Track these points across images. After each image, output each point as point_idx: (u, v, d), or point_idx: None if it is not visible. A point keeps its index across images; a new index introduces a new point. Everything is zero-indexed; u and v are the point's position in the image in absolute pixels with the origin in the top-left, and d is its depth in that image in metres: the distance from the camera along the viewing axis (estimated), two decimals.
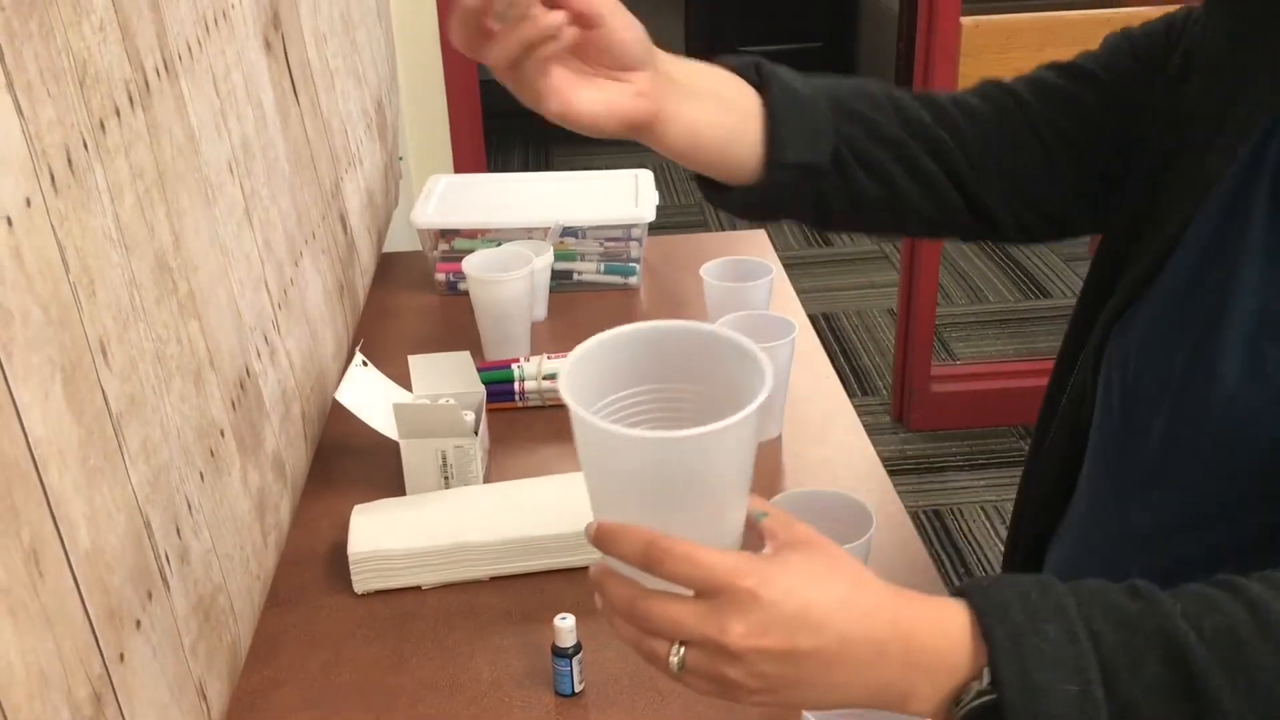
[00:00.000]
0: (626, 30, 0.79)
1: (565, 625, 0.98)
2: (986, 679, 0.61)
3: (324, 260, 1.42)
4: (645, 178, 1.85)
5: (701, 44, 5.28)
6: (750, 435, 0.65)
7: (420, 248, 1.79)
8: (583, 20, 0.77)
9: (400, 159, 2.16)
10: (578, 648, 0.99)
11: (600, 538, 0.66)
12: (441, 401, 1.27)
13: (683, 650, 0.64)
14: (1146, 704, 0.60)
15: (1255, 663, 0.59)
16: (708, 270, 1.48)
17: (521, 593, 1.13)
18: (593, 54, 0.79)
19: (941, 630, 0.63)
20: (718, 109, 0.85)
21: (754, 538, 0.69)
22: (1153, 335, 0.82)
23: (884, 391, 3.14)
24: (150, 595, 0.82)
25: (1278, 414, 0.72)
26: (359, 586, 1.13)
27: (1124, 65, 0.91)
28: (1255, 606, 0.61)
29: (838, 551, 0.67)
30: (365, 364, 1.31)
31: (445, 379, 1.32)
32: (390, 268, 1.84)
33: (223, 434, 1.00)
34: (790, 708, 0.67)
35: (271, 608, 1.12)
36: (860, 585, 0.64)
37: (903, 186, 0.91)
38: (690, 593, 0.64)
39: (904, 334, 2.93)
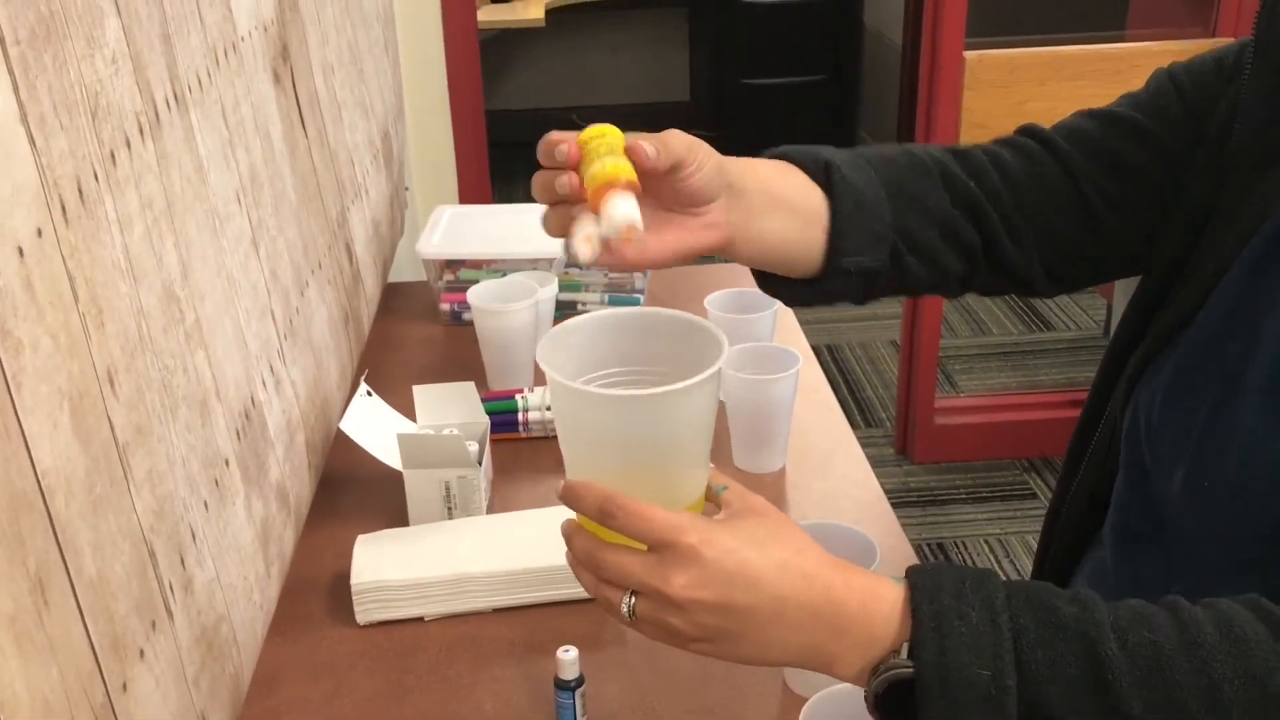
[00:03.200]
0: (697, 174, 0.81)
1: (568, 658, 0.98)
2: (905, 653, 0.64)
3: (329, 290, 1.43)
4: None
5: (706, 78, 5.32)
6: (707, 403, 0.72)
7: (425, 278, 1.80)
8: (660, 173, 0.79)
9: (406, 189, 2.17)
10: (581, 680, 0.98)
11: (565, 494, 0.72)
12: (445, 432, 1.27)
13: (634, 599, 0.71)
14: (1059, 702, 0.61)
15: (1171, 679, 0.60)
16: (712, 302, 1.49)
17: (524, 624, 1.13)
18: (667, 197, 0.82)
19: (874, 603, 0.67)
20: (786, 222, 0.86)
21: (713, 510, 0.75)
22: (1178, 382, 0.81)
23: (887, 423, 3.14)
24: (154, 625, 0.82)
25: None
26: (361, 617, 1.13)
27: (1171, 114, 0.88)
28: (1185, 626, 0.62)
29: (786, 521, 0.71)
30: (370, 394, 1.31)
31: (449, 409, 1.32)
32: (395, 298, 1.85)
33: (227, 463, 1.00)
34: (730, 660, 0.71)
35: (274, 638, 1.11)
36: (801, 552, 0.69)
37: (947, 262, 0.91)
38: (644, 549, 0.69)
39: (907, 366, 2.93)
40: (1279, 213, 0.77)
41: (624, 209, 0.73)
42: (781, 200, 0.86)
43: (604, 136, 0.77)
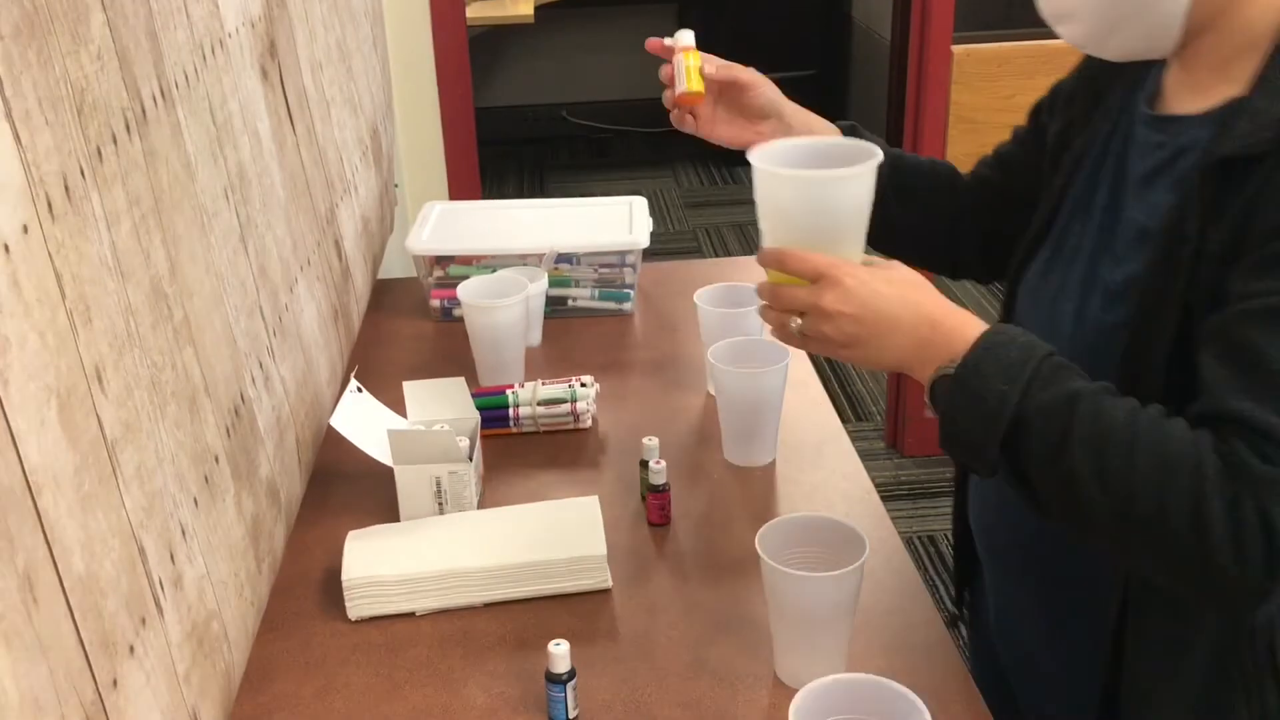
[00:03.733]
0: (758, 97, 1.27)
1: (559, 651, 0.98)
2: (958, 362, 0.90)
3: (319, 287, 1.43)
4: (639, 205, 1.86)
5: None
6: (866, 194, 0.99)
7: (415, 274, 1.80)
8: (735, 86, 1.26)
9: (396, 186, 2.17)
10: (572, 674, 0.99)
11: (761, 256, 1.01)
12: (436, 427, 1.27)
13: (799, 320, 0.97)
14: (1037, 417, 0.87)
15: (1110, 422, 0.85)
16: (701, 296, 1.49)
17: (516, 619, 1.13)
18: (739, 105, 1.28)
19: (959, 335, 0.92)
20: None
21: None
22: (1037, 278, 1.10)
23: (878, 417, 3.15)
24: (144, 621, 0.82)
25: (1098, 348, 0.97)
26: (353, 613, 1.13)
27: (1036, 122, 1.21)
28: (1138, 409, 0.86)
29: (911, 272, 0.98)
30: (360, 390, 1.31)
31: (440, 405, 1.32)
32: (385, 294, 1.85)
33: (217, 460, 1.00)
34: (858, 361, 0.99)
35: (265, 634, 1.11)
36: (918, 288, 0.96)
37: (927, 240, 1.30)
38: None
39: (896, 379, 2.93)
40: (1095, 153, 1.06)
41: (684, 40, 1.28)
42: (813, 133, 1.26)
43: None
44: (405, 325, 1.74)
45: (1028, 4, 1.25)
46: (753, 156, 0.99)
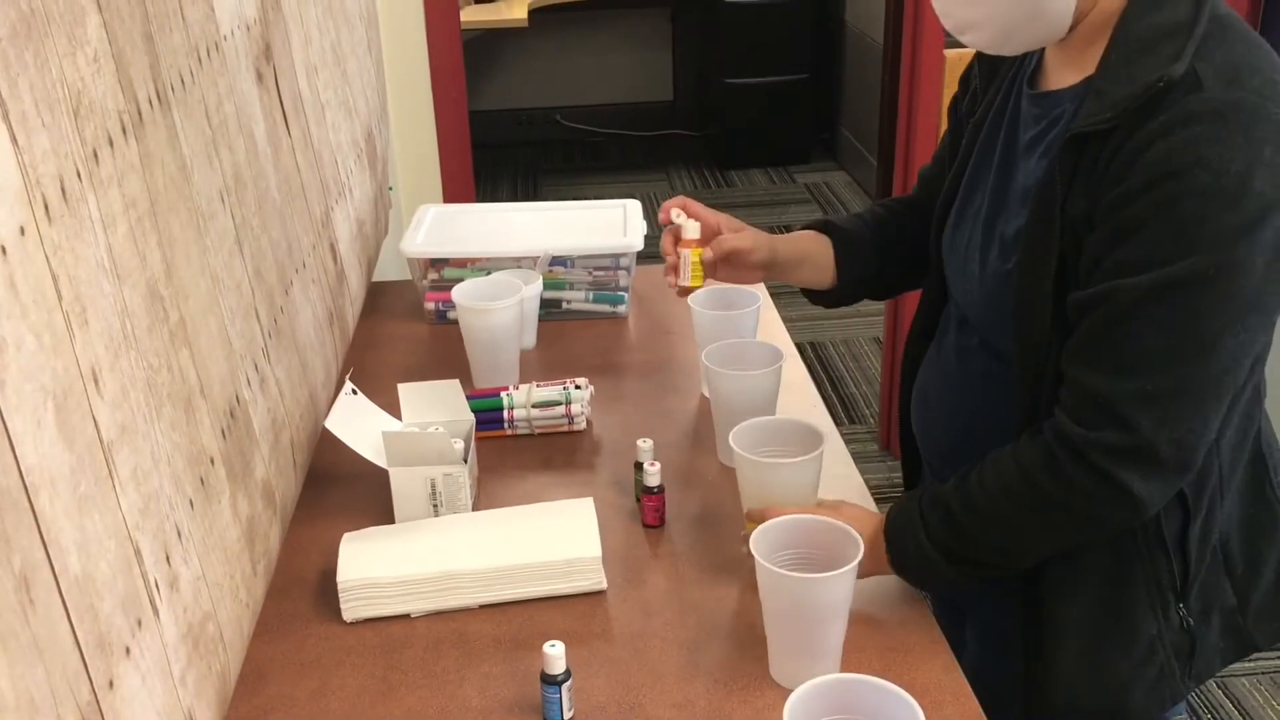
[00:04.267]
0: (755, 256, 1.35)
1: (555, 653, 0.98)
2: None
3: (314, 289, 1.43)
4: (633, 208, 1.86)
5: (688, 77, 5.32)
6: (812, 477, 1.18)
7: (410, 276, 1.80)
8: (735, 255, 1.36)
9: (390, 189, 2.18)
10: (567, 675, 0.99)
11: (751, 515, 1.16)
12: (430, 430, 1.27)
13: None
14: (937, 536, 1.08)
15: (977, 501, 1.07)
16: (696, 299, 1.49)
17: (511, 620, 1.13)
18: (737, 264, 1.37)
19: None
20: (811, 273, 1.39)
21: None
22: (949, 240, 1.22)
23: (871, 419, 3.15)
24: (140, 623, 0.82)
25: (997, 292, 1.11)
26: (348, 615, 1.13)
27: (952, 126, 1.31)
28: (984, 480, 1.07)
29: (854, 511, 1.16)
30: (355, 392, 1.32)
31: (434, 407, 1.32)
32: (380, 296, 1.85)
33: (213, 462, 1.00)
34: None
35: (261, 635, 1.11)
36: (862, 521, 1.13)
37: (895, 281, 1.46)
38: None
39: (890, 362, 2.94)
40: (999, 99, 1.17)
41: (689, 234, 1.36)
42: (811, 262, 1.39)
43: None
44: (400, 328, 1.75)
45: None
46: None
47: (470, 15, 4.09)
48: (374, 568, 1.13)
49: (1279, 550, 1.15)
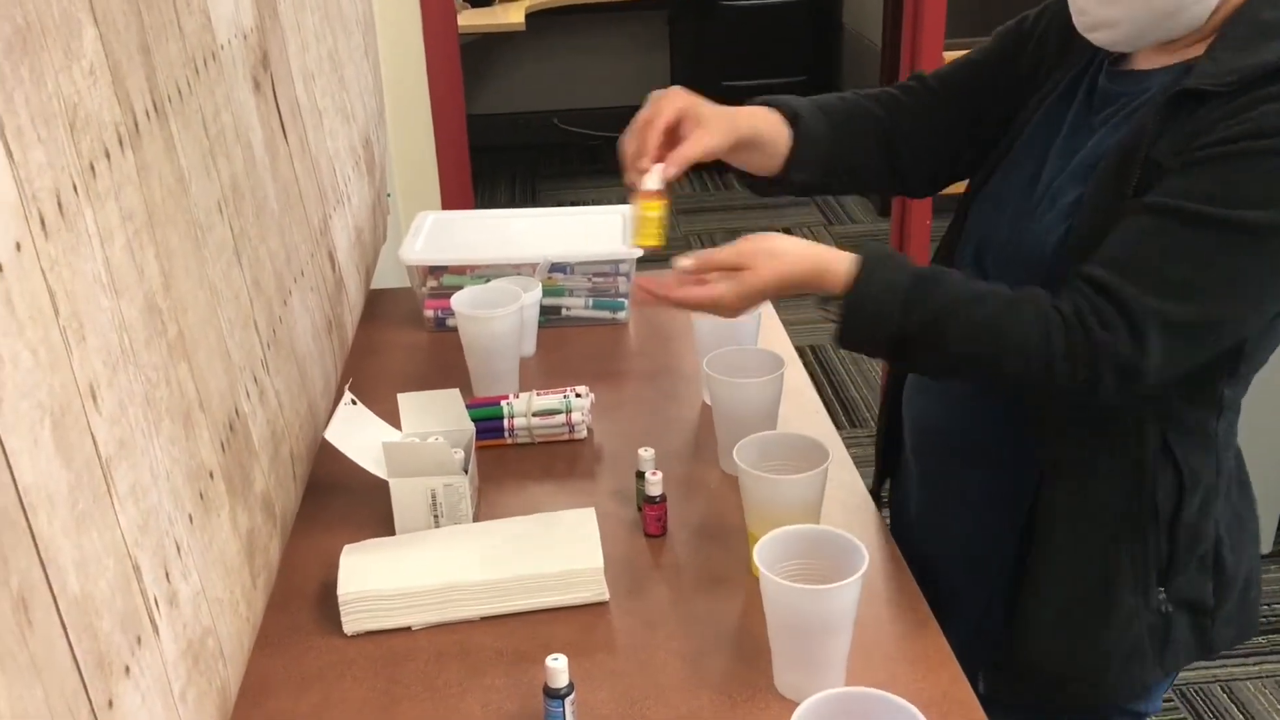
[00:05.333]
0: (699, 145, 1.21)
1: (558, 666, 0.97)
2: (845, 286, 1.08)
3: (313, 298, 1.42)
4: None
5: (686, 80, 5.31)
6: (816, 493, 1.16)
7: (409, 284, 1.79)
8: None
9: (388, 195, 2.17)
10: (570, 688, 0.98)
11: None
12: (430, 440, 1.27)
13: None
14: (909, 327, 1.05)
15: (966, 284, 1.07)
16: None
17: (513, 633, 1.12)
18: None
19: (844, 265, 1.08)
20: (761, 155, 1.29)
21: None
22: (995, 198, 1.20)
23: (872, 423, 3.15)
24: (139, 640, 0.81)
25: (1030, 250, 1.12)
26: (349, 627, 1.12)
27: (1007, 49, 1.28)
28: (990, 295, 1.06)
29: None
30: (354, 402, 1.31)
31: (434, 417, 1.31)
32: (378, 304, 1.84)
33: (212, 476, 0.99)
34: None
35: (261, 649, 1.11)
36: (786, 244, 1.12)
37: (864, 179, 1.42)
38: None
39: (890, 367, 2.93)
40: (1067, 83, 1.18)
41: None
42: (764, 141, 1.28)
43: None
44: (399, 336, 1.74)
45: (1019, 9, 1.28)
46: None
47: (467, 20, 4.08)
48: (375, 580, 1.13)
49: (1249, 553, 1.18)
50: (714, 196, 4.75)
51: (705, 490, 1.35)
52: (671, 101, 1.20)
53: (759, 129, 1.26)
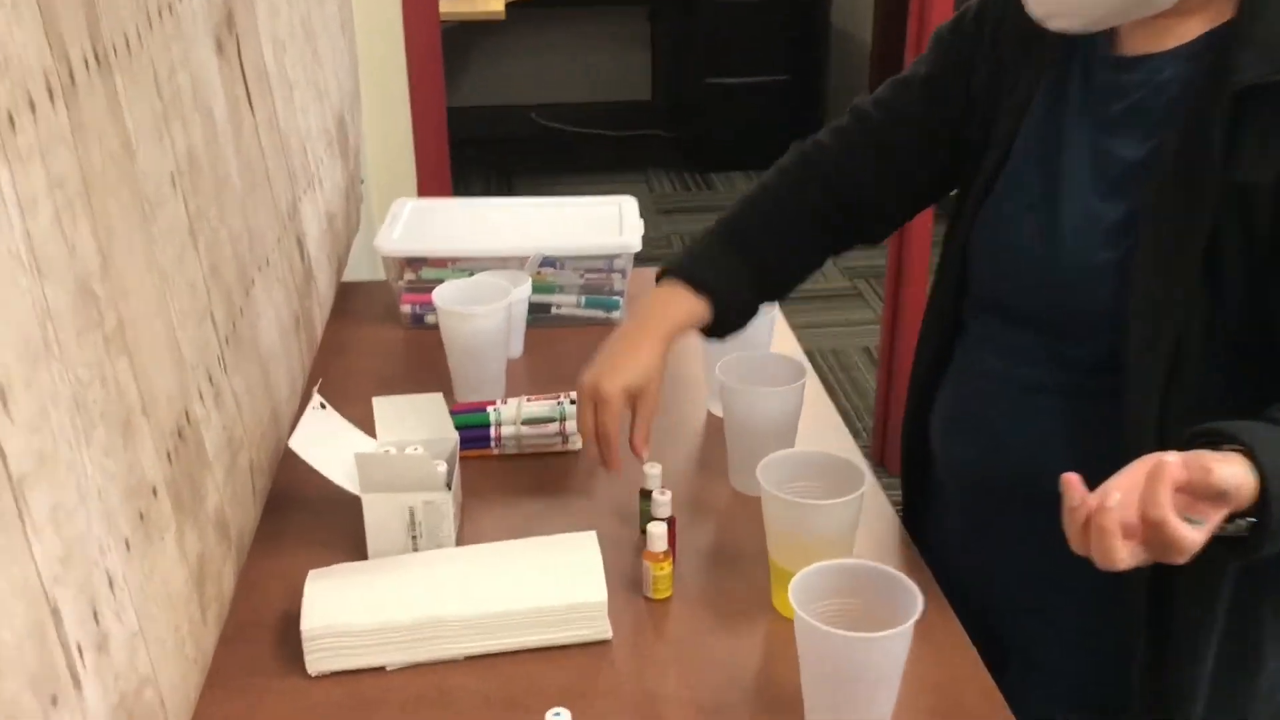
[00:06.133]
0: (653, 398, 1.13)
1: None
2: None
3: (279, 290, 1.27)
4: (629, 205, 1.72)
5: (668, 77, 5.18)
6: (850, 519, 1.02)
7: (383, 276, 1.64)
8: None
9: (362, 182, 2.02)
10: None
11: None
12: (409, 450, 1.12)
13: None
14: None
15: None
16: None
17: (501, 674, 0.98)
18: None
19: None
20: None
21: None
22: (1004, 213, 1.05)
23: (864, 434, 3.02)
24: (55, 701, 0.66)
25: (1080, 286, 0.98)
26: (313, 667, 0.97)
27: (951, 60, 1.13)
28: None
29: None
30: (323, 406, 1.16)
31: (414, 424, 1.17)
32: (351, 298, 1.69)
33: (155, 493, 0.85)
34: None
35: (211, 692, 0.96)
36: None
37: (806, 272, 1.23)
38: None
39: (886, 378, 2.81)
40: (1053, 73, 1.04)
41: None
42: (690, 332, 1.16)
43: None
44: (372, 333, 1.59)
45: None
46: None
47: (445, 6, 3.92)
48: (343, 613, 0.98)
49: None
50: (695, 196, 4.62)
51: (715, 511, 1.21)
52: (606, 396, 1.09)
53: (680, 332, 1.14)
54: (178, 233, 0.95)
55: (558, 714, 0.83)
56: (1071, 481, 0.79)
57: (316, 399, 1.15)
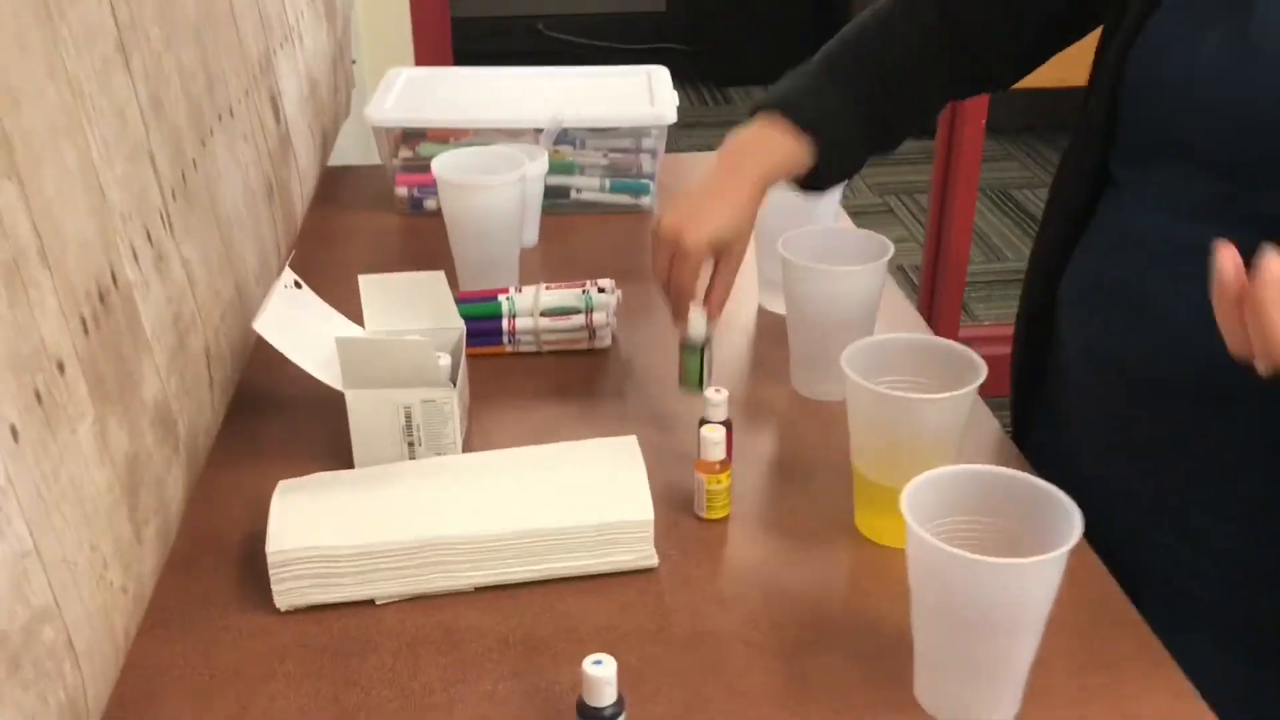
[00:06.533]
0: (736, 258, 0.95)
1: (601, 674, 0.63)
2: None
3: (246, 149, 1.05)
4: (660, 75, 1.49)
5: (686, 29, 4.91)
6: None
7: (377, 159, 1.42)
8: None
9: (354, 62, 1.78)
10: (619, 708, 0.64)
11: None
12: (406, 338, 0.91)
13: None
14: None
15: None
16: None
17: (521, 612, 0.77)
18: None
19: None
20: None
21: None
22: (1173, 32, 0.82)
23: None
24: None
25: None
26: (283, 600, 0.77)
27: None
28: None
29: None
30: (298, 285, 0.95)
31: (410, 308, 0.96)
32: (339, 183, 1.47)
33: (61, 368, 0.63)
34: None
35: (151, 632, 0.75)
36: None
37: (922, 122, 1.03)
38: None
39: (929, 299, 2.59)
40: None
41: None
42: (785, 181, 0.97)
43: None
44: (364, 219, 1.37)
45: None
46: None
47: None
48: (320, 532, 0.77)
49: None
50: (715, 111, 4.37)
51: (775, 417, 1.00)
52: (687, 250, 0.90)
53: (776, 178, 0.96)
54: (100, 43, 0.73)
55: (598, 661, 0.63)
56: (1224, 253, 0.62)
57: (289, 275, 0.94)
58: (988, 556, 0.62)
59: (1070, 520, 0.64)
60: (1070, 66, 1.05)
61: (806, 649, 0.74)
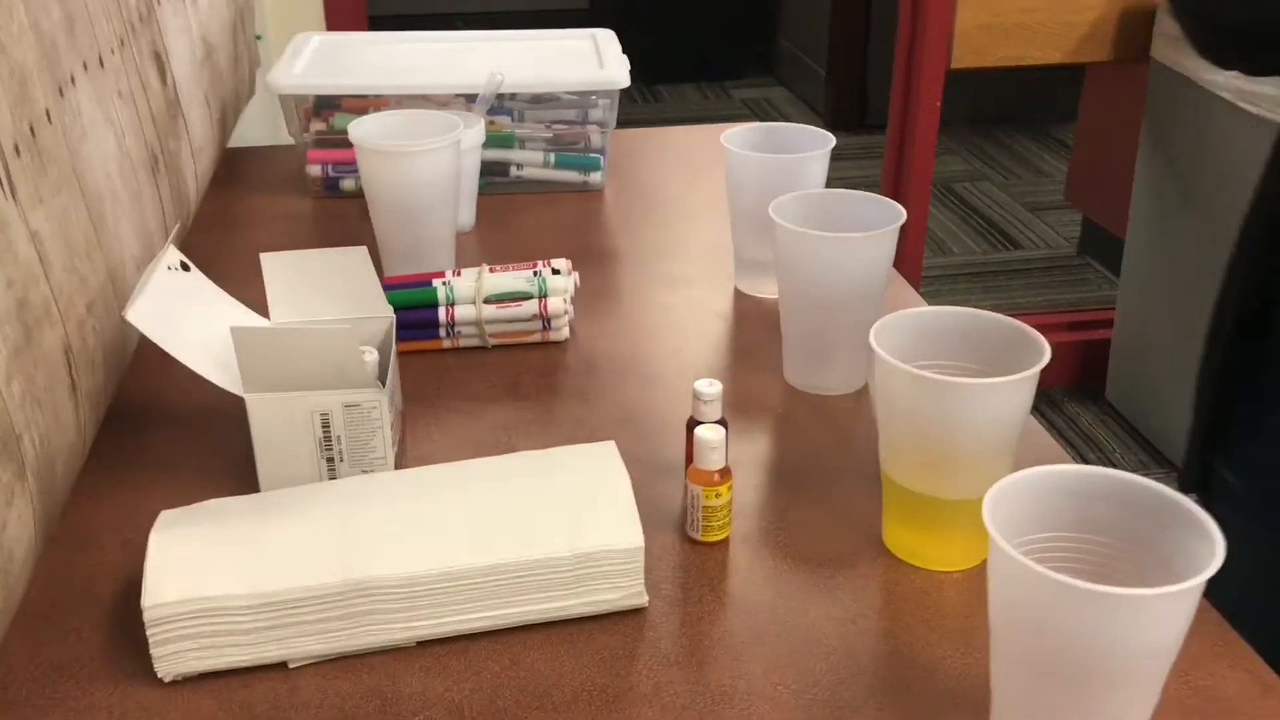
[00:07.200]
0: None
1: None
2: None
3: (121, 108, 0.87)
4: (607, 38, 1.33)
5: (611, 27, 4.75)
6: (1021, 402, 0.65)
7: (287, 139, 1.24)
8: None
9: (258, 37, 1.59)
10: None
11: None
12: (320, 326, 0.73)
13: None
14: None
15: None
16: (733, 138, 0.97)
17: (479, 674, 0.60)
18: None
19: None
20: None
21: None
22: None
23: None
24: None
25: None
26: (166, 668, 0.59)
27: None
28: None
29: None
30: (187, 267, 0.77)
31: (326, 294, 0.78)
32: (241, 164, 1.29)
33: None
34: None
35: None
36: None
37: None
38: None
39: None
40: None
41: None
42: None
43: None
44: (272, 203, 1.19)
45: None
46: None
47: None
48: (214, 579, 0.60)
49: None
50: (644, 109, 4.22)
51: (768, 416, 0.84)
52: None
53: None
54: None
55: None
56: None
57: (174, 255, 0.76)
58: (1107, 586, 0.47)
59: (1207, 541, 0.49)
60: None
61: (848, 709, 0.58)
